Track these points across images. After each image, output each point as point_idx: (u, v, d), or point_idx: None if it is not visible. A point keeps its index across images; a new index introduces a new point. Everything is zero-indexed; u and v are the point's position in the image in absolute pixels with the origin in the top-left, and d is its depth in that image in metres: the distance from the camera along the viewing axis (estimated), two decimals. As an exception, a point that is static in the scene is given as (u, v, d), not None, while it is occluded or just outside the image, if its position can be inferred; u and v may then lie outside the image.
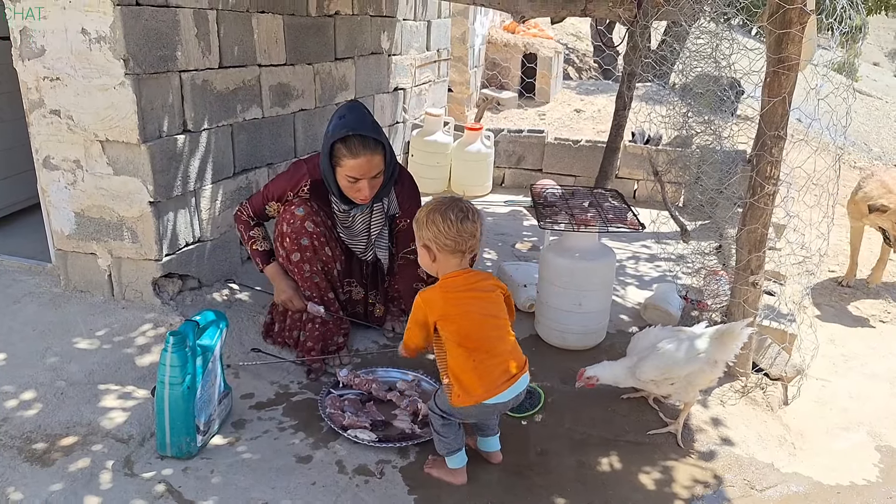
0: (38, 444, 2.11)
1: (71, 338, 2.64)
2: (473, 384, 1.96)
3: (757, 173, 2.47)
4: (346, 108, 2.58)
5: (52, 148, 2.74)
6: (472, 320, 1.98)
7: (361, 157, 2.48)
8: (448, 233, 1.95)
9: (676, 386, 2.32)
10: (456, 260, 2.00)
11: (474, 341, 1.97)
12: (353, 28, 4.16)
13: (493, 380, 1.97)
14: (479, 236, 2.00)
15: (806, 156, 2.63)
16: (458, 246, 1.97)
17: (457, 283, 2.01)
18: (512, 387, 2.00)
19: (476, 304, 2.00)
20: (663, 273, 3.83)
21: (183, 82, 2.82)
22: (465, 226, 1.95)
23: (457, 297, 1.99)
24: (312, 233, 2.62)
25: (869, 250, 4.51)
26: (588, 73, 11.13)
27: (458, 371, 1.98)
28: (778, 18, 2.30)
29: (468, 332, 1.97)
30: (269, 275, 2.72)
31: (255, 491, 2.01)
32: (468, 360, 1.97)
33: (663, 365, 2.28)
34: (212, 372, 2.15)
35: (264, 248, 2.73)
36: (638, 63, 4.24)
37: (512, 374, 2.00)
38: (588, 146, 5.26)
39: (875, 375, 3.08)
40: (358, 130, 2.47)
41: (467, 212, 1.97)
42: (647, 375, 2.30)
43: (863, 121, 10.48)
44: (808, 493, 2.21)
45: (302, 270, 2.65)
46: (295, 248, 2.62)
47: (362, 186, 2.54)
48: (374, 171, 2.54)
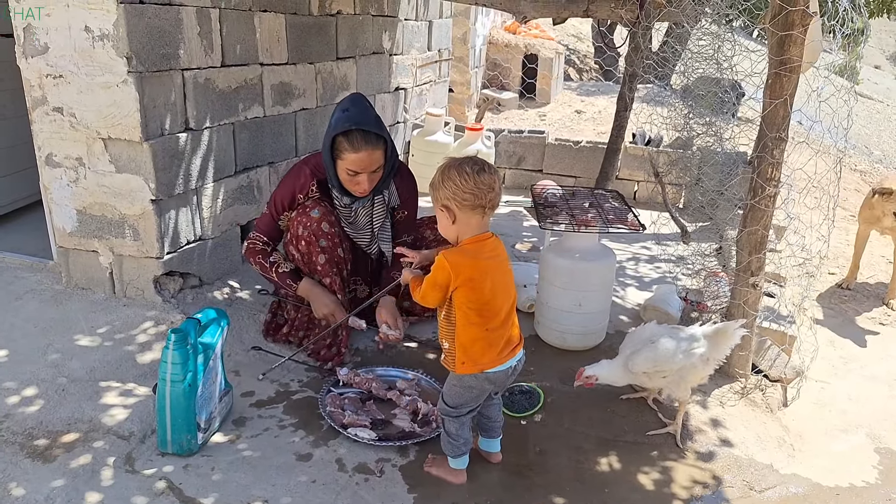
0: (40, 440, 2.12)
1: (72, 335, 2.64)
2: (481, 353, 1.95)
3: (758, 175, 2.48)
4: (349, 101, 2.59)
5: (55, 145, 2.75)
6: (494, 290, 1.92)
7: (363, 152, 2.48)
8: (465, 186, 1.85)
9: (668, 380, 2.33)
10: (477, 217, 1.90)
11: (491, 310, 1.93)
12: (354, 27, 4.17)
13: (500, 350, 1.97)
14: (497, 189, 1.90)
15: (807, 158, 2.63)
16: (477, 200, 1.86)
17: (484, 248, 1.93)
18: (513, 358, 2.00)
19: (498, 274, 1.94)
20: (663, 274, 3.84)
21: (185, 80, 2.83)
22: (483, 178, 1.86)
23: (485, 264, 1.91)
24: (328, 233, 2.63)
25: (870, 254, 4.51)
26: (589, 74, 11.14)
27: (468, 341, 1.95)
28: (780, 20, 2.30)
29: (489, 300, 1.92)
30: (305, 291, 2.68)
31: (256, 488, 2.01)
32: (481, 329, 1.93)
33: (656, 357, 2.29)
34: (213, 370, 2.16)
35: (290, 269, 2.70)
36: (640, 64, 4.24)
37: (514, 344, 2.01)
38: (589, 147, 5.26)
39: (874, 378, 3.09)
40: (360, 125, 2.47)
41: (483, 164, 1.90)
42: (639, 367, 2.31)
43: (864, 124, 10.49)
44: (807, 495, 2.22)
45: (329, 272, 2.66)
46: (316, 249, 2.63)
47: (361, 180, 2.55)
48: (375, 166, 2.55)
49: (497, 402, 2.13)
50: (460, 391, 2.00)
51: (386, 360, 2.75)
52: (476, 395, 2.02)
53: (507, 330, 1.99)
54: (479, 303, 1.91)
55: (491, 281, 1.92)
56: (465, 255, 1.91)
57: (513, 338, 2.01)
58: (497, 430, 2.16)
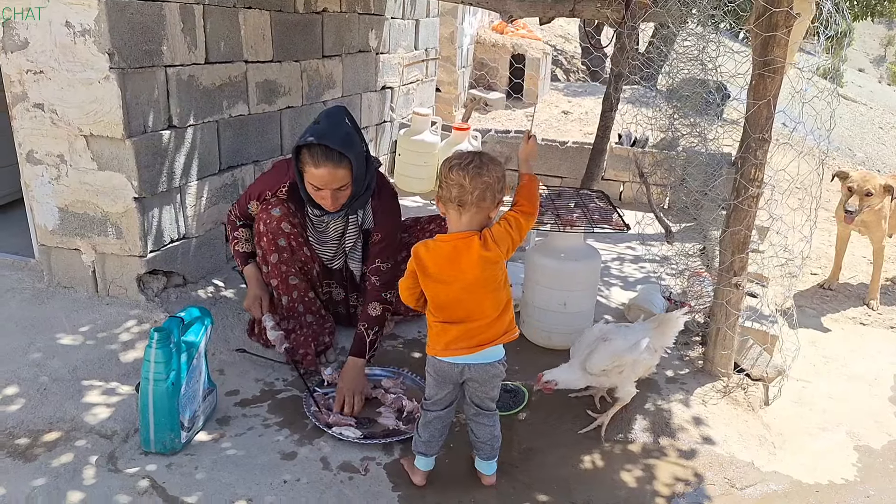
0: (21, 439, 2.10)
1: (54, 333, 2.62)
2: (433, 338, 1.98)
3: (741, 175, 2.50)
4: (324, 113, 2.52)
5: (36, 142, 2.72)
6: (446, 293, 1.93)
7: (322, 168, 2.40)
8: (440, 178, 1.92)
9: (625, 373, 2.37)
10: (453, 213, 1.90)
11: (440, 303, 1.95)
12: (340, 25, 4.16)
13: (448, 341, 1.95)
14: (468, 187, 1.85)
15: (790, 159, 2.66)
16: (445, 193, 1.89)
17: (445, 249, 1.92)
18: (466, 355, 1.95)
19: (456, 282, 1.91)
20: (647, 274, 3.86)
21: (168, 77, 2.81)
22: (454, 172, 1.87)
23: (444, 261, 1.91)
24: (289, 233, 2.61)
25: (851, 254, 4.56)
26: (576, 74, 11.18)
27: (429, 321, 2.00)
28: (764, 21, 2.32)
29: (441, 301, 1.95)
30: (246, 276, 2.77)
31: (240, 487, 2.00)
32: (433, 317, 1.98)
33: (613, 353, 2.33)
34: (196, 368, 2.15)
35: (245, 250, 2.76)
36: (626, 64, 4.26)
37: (479, 344, 1.94)
38: (575, 147, 5.28)
39: (855, 377, 3.12)
40: (324, 140, 2.38)
41: (463, 160, 1.89)
42: (598, 366, 2.33)
43: (847, 126, 10.60)
44: (787, 492, 2.24)
45: (279, 272, 2.65)
46: (273, 248, 2.62)
47: (325, 196, 2.47)
48: (338, 184, 2.45)
49: (484, 423, 2.05)
50: (427, 376, 2.04)
51: (372, 360, 2.74)
52: (434, 383, 2.02)
53: (468, 326, 1.94)
54: (430, 292, 1.96)
55: (445, 284, 1.92)
56: (429, 244, 1.95)
57: (480, 336, 1.95)
58: (486, 451, 2.07)
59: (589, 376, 2.37)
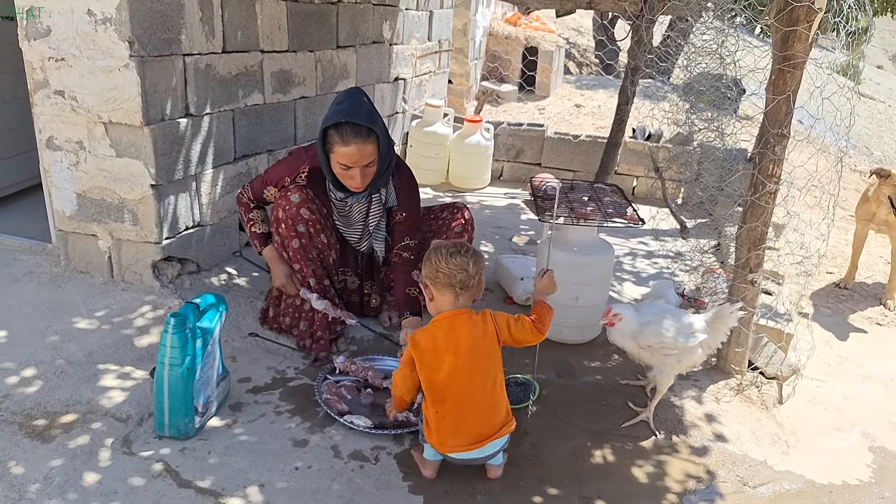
0: (39, 420, 2.13)
1: (70, 317, 2.64)
2: (434, 433, 1.99)
3: (759, 171, 2.48)
4: (344, 94, 2.58)
5: (56, 128, 2.74)
6: (450, 372, 1.95)
7: (352, 145, 2.45)
8: (439, 266, 1.97)
9: (669, 360, 2.34)
10: (449, 297, 1.98)
11: (438, 390, 1.97)
12: (355, 16, 4.15)
13: (454, 437, 1.97)
14: (471, 272, 1.97)
15: (807, 156, 2.64)
16: (447, 279, 1.96)
17: (442, 325, 1.99)
18: (480, 449, 1.99)
19: (465, 356, 1.96)
20: (660, 270, 3.85)
21: (186, 66, 2.82)
22: (455, 259, 1.97)
23: (445, 341, 1.97)
24: (308, 220, 2.62)
25: (868, 254, 4.52)
26: (589, 68, 11.11)
27: (426, 411, 2.01)
28: (785, 16, 2.30)
29: (438, 379, 1.96)
30: (267, 258, 2.76)
31: (252, 472, 2.02)
32: (431, 408, 1.99)
33: (667, 334, 2.30)
34: (211, 354, 2.16)
35: (262, 231, 2.74)
36: (642, 58, 4.24)
37: (478, 440, 1.98)
38: (588, 141, 5.26)
39: (869, 377, 3.10)
40: (351, 118, 2.44)
41: (461, 248, 2.00)
42: (647, 340, 2.32)
43: (865, 124, 10.48)
44: (800, 492, 2.23)
45: (298, 257, 2.66)
46: (293, 234, 2.63)
47: (354, 174, 2.52)
48: (366, 160, 2.51)
49: None
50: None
51: (383, 350, 2.75)
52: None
53: (468, 417, 1.97)
54: (426, 378, 1.98)
55: (451, 360, 1.95)
56: (425, 329, 2.01)
57: (478, 429, 1.98)
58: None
59: (635, 343, 2.35)
